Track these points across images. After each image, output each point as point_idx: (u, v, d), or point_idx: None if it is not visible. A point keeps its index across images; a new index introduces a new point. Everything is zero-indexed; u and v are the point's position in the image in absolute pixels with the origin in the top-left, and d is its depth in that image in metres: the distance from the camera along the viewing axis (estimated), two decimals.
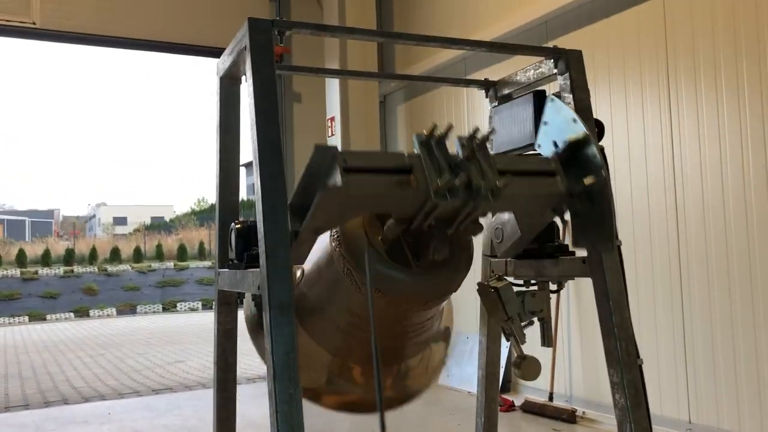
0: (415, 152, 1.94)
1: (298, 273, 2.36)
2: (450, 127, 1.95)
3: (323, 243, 2.23)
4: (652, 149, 4.79)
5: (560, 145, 2.17)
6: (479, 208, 1.96)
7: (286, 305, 1.86)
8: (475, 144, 1.95)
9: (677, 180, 4.62)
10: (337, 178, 1.80)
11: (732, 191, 4.27)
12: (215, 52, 2.47)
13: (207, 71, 2.62)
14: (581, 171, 2.09)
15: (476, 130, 1.96)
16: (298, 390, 1.81)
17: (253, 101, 1.98)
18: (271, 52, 2.02)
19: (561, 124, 2.20)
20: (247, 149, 2.09)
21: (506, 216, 2.45)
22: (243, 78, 2.31)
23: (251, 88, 1.99)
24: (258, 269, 1.95)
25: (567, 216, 2.20)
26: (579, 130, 2.13)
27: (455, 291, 2.24)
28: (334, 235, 2.18)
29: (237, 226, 2.26)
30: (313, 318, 2.37)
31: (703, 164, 4.44)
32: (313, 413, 2.26)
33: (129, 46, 7.62)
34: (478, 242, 2.41)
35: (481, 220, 2.10)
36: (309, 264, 2.31)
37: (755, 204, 4.14)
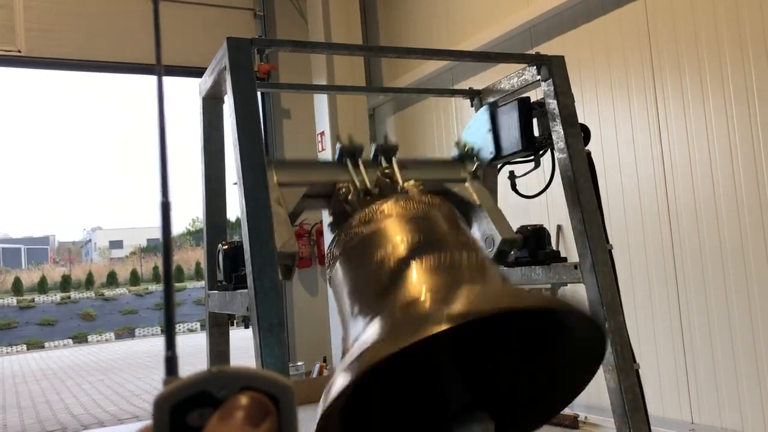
0: None
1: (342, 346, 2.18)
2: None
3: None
4: (641, 150, 4.80)
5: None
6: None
7: (276, 325, 1.84)
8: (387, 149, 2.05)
9: (668, 180, 4.62)
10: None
11: (722, 189, 4.27)
12: (201, 73, 2.46)
13: (196, 92, 2.60)
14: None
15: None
16: None
17: (234, 120, 1.96)
18: (251, 70, 2.01)
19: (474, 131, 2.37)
20: (232, 169, 2.07)
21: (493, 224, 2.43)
22: (225, 98, 2.30)
23: (232, 108, 1.97)
24: (246, 290, 1.93)
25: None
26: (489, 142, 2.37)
27: None
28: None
29: (224, 247, 2.24)
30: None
31: (693, 162, 4.44)
32: None
33: (115, 70, 7.62)
34: None
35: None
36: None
37: (746, 201, 4.14)
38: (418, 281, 1.78)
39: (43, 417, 8.15)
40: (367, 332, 1.74)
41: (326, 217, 2.24)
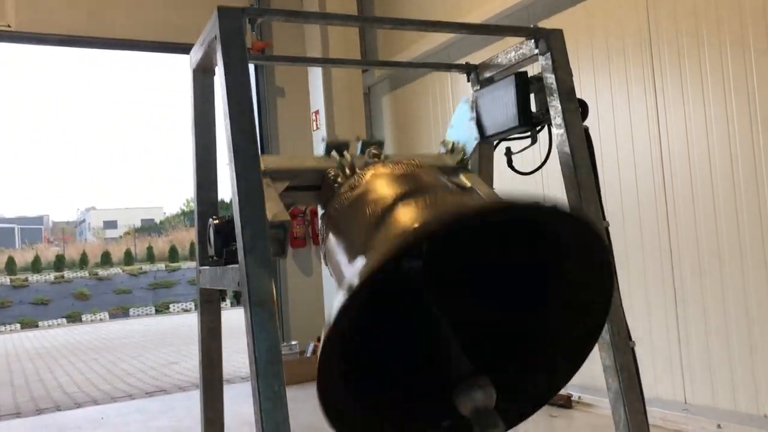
0: None
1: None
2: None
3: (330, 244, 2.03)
4: (637, 128, 4.76)
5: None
6: None
7: (267, 300, 1.81)
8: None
9: (664, 158, 4.59)
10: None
11: (719, 166, 4.24)
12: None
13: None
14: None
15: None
16: (282, 386, 1.76)
17: (225, 91, 1.92)
18: (242, 40, 1.96)
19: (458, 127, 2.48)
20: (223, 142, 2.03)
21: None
22: (216, 69, 2.25)
23: (223, 79, 1.93)
24: (237, 265, 1.90)
25: None
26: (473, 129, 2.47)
27: None
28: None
29: (215, 221, 2.20)
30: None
31: (690, 140, 4.41)
32: (302, 412, 2.21)
33: (106, 46, 7.52)
34: None
35: None
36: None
37: (743, 179, 4.11)
38: (404, 217, 1.73)
39: (36, 395, 8.14)
40: (357, 266, 1.69)
41: (320, 210, 2.22)
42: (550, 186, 5.07)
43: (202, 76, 2.44)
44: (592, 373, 5.36)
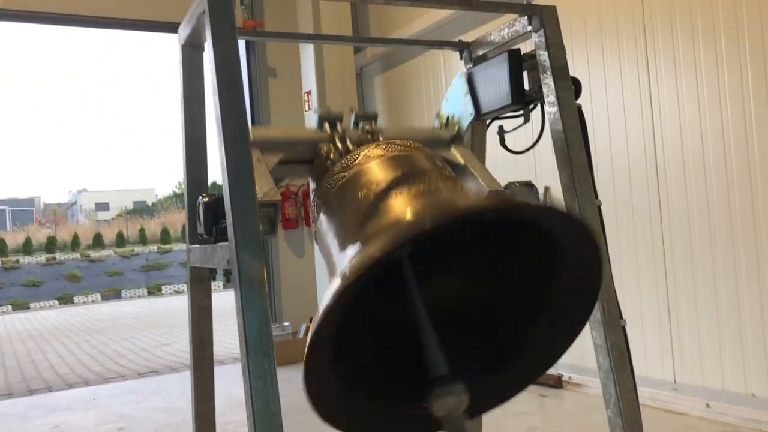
0: None
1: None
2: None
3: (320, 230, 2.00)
4: (630, 106, 4.75)
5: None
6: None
7: (257, 278, 1.79)
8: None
9: (656, 136, 4.58)
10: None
11: (711, 146, 4.24)
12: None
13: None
14: None
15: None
16: (273, 365, 1.74)
17: (214, 66, 1.88)
18: (231, 13, 1.92)
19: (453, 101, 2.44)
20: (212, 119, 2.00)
21: (480, 180, 2.38)
22: (205, 45, 2.22)
23: (212, 53, 1.89)
24: (227, 243, 1.87)
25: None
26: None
27: None
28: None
29: (204, 199, 2.18)
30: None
31: (682, 120, 4.40)
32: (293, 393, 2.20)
33: (96, 25, 7.42)
34: None
35: None
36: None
37: (734, 159, 4.11)
38: (397, 207, 1.72)
39: (28, 376, 8.14)
40: (349, 254, 1.67)
41: (312, 184, 2.18)
42: (542, 165, 5.06)
43: (191, 51, 2.40)
44: (583, 354, 5.39)
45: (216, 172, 2.01)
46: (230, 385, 4.92)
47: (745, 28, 4.01)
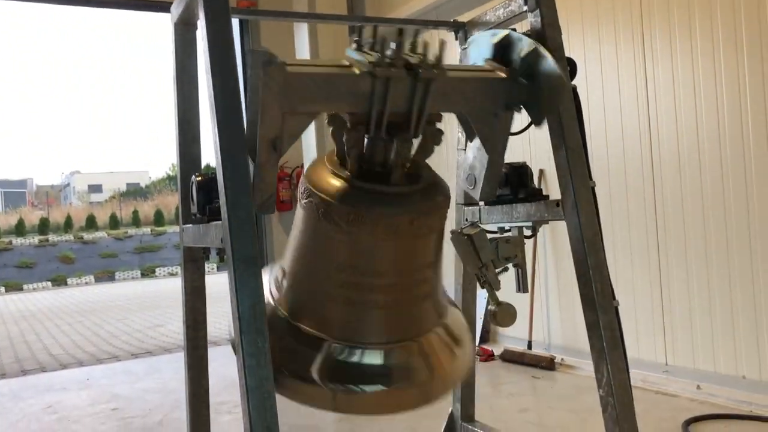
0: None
1: (279, 274, 2.16)
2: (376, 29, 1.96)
3: (296, 220, 2.10)
4: (625, 87, 4.75)
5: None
6: (429, 93, 1.94)
7: (251, 257, 1.79)
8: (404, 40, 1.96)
9: (651, 118, 4.58)
10: (277, 60, 1.77)
11: (706, 128, 4.24)
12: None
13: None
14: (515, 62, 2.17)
15: (401, 30, 1.94)
16: (266, 343, 1.75)
17: (207, 44, 1.87)
18: None
19: (484, 46, 2.29)
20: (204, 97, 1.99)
21: (471, 156, 2.37)
22: (198, 22, 2.20)
23: (204, 31, 1.88)
24: (220, 222, 1.87)
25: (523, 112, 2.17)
26: (500, 33, 2.24)
27: (438, 208, 2.07)
28: (302, 191, 2.08)
29: (198, 178, 2.17)
30: (309, 303, 2.11)
31: (678, 102, 4.40)
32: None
33: (89, 4, 7.35)
34: (452, 194, 2.35)
35: (453, 176, 2.04)
36: (288, 256, 2.16)
37: (729, 142, 4.12)
38: (336, 308, 2.06)
39: (21, 357, 8.14)
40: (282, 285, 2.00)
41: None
42: (537, 146, 5.06)
43: (184, 29, 2.38)
44: (576, 336, 5.43)
45: (209, 153, 2.00)
46: (224, 366, 4.91)
47: (742, 9, 4.00)
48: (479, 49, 2.32)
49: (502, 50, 2.20)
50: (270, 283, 2.18)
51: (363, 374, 2.06)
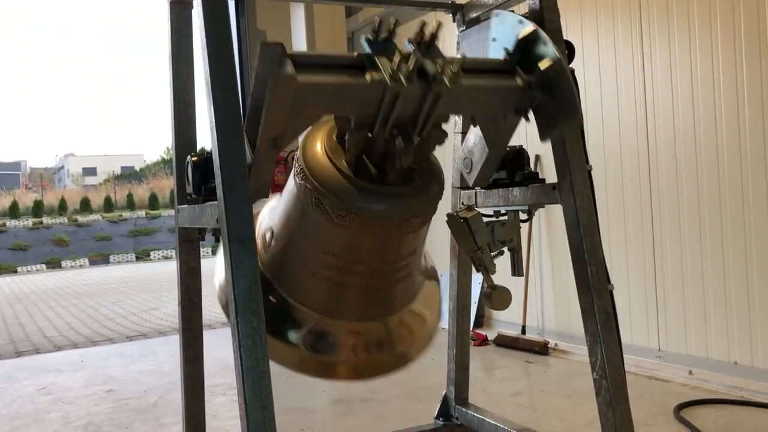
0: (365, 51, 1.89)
1: (268, 235, 2.23)
2: (395, 24, 1.93)
3: (289, 188, 2.13)
4: (622, 70, 4.74)
5: (510, 49, 2.06)
6: (439, 102, 1.87)
7: (246, 238, 1.78)
8: (424, 39, 1.90)
9: (648, 103, 4.58)
10: (287, 68, 1.69)
11: (702, 113, 4.24)
12: None
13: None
14: (536, 64, 1.99)
15: (423, 24, 1.89)
16: (262, 324, 1.74)
17: (202, 23, 1.85)
18: None
19: (508, 32, 2.12)
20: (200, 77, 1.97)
21: (472, 141, 2.37)
22: (194, 1, 2.17)
23: (200, 8, 1.86)
24: (216, 202, 1.86)
25: (530, 115, 2.10)
26: (526, 26, 2.05)
27: (430, 208, 2.08)
28: (297, 169, 2.08)
29: (193, 158, 2.16)
30: (291, 274, 2.21)
31: (674, 86, 4.40)
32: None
33: None
34: (449, 176, 2.34)
35: (449, 154, 2.02)
36: (277, 221, 2.21)
37: (725, 127, 4.12)
38: (319, 284, 2.15)
39: (16, 338, 8.13)
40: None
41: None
42: (533, 130, 5.04)
43: (179, 8, 2.36)
44: (569, 321, 5.45)
45: (205, 134, 1.98)
46: (219, 349, 4.94)
47: None
48: (503, 33, 2.17)
49: (525, 44, 2.05)
50: (257, 236, 2.19)
51: (328, 344, 2.24)
